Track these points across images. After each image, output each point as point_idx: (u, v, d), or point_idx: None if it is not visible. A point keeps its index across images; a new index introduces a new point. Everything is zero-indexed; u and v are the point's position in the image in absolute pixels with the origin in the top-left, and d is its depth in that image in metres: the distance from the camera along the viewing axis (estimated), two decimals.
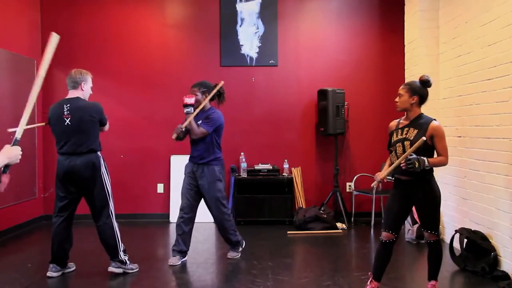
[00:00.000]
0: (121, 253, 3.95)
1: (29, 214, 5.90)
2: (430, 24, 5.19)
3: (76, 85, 3.91)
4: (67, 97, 3.92)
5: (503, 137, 3.90)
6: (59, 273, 3.96)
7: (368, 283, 3.38)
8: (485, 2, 4.22)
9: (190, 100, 4.15)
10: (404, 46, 5.70)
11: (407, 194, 3.27)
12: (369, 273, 3.44)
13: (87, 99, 3.96)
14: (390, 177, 3.39)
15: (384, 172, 3.24)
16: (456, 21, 4.76)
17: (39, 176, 6.10)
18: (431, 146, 3.21)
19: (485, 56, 4.20)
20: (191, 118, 4.12)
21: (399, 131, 3.30)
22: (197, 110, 4.18)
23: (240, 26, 6.34)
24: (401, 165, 3.11)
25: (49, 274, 3.91)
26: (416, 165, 3.05)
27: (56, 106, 3.93)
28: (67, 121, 3.81)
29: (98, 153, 3.90)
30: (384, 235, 3.31)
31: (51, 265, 3.94)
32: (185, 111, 4.14)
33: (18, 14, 5.77)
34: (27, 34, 5.98)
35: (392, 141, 3.32)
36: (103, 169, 3.89)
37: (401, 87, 3.32)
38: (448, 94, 4.97)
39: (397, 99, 3.32)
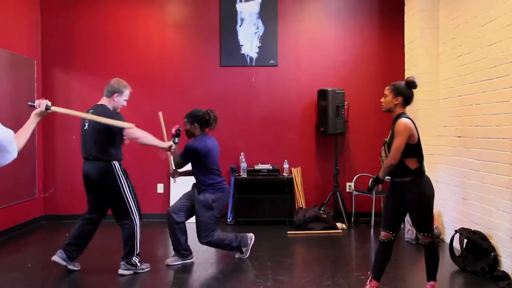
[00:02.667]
0: (133, 256, 3.97)
1: (29, 214, 5.90)
2: (430, 24, 5.19)
3: (109, 94, 3.93)
4: (98, 102, 3.96)
5: (503, 137, 3.90)
6: (62, 262, 3.96)
7: (368, 282, 3.38)
8: (485, 2, 4.22)
9: (172, 131, 4.23)
10: (404, 46, 5.70)
11: (401, 194, 3.28)
12: (369, 272, 3.44)
13: (118, 110, 3.97)
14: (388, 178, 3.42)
15: None
16: (456, 21, 4.76)
17: (39, 176, 6.10)
18: (407, 145, 3.16)
19: (485, 56, 4.20)
20: (173, 149, 4.18)
21: (390, 133, 3.34)
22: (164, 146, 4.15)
23: (240, 26, 6.34)
24: None
25: (53, 258, 3.96)
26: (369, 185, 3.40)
27: (87, 110, 3.97)
28: (86, 126, 3.89)
29: (112, 162, 3.86)
30: (383, 234, 3.32)
31: (58, 250, 3.99)
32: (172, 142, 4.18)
33: (18, 14, 5.77)
34: (27, 34, 5.98)
35: None
36: (118, 176, 3.86)
37: (386, 88, 3.35)
38: (448, 94, 4.97)
39: (382, 99, 3.35)
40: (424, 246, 3.30)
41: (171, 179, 4.37)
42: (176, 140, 4.23)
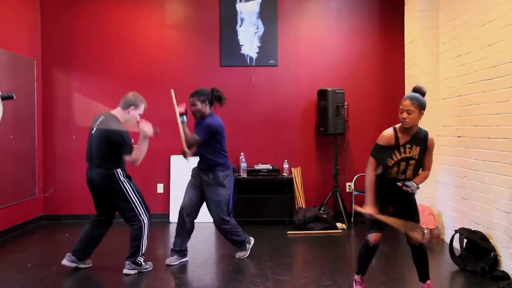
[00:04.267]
0: (139, 256, 3.97)
1: (29, 214, 5.89)
2: (430, 24, 5.19)
3: (126, 106, 3.95)
4: (111, 111, 3.97)
5: (503, 137, 3.91)
6: (72, 264, 4.01)
7: (360, 283, 3.40)
8: (485, 2, 4.22)
9: (180, 109, 4.24)
10: (404, 46, 5.70)
11: (395, 194, 3.26)
12: (354, 277, 3.45)
13: (129, 123, 3.98)
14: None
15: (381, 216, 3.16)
16: (456, 21, 4.76)
17: (39, 176, 6.10)
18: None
19: (485, 56, 4.20)
20: (182, 127, 4.19)
21: (402, 148, 3.17)
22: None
23: (240, 26, 6.34)
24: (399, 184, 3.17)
25: (63, 261, 4.01)
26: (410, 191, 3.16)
27: (97, 115, 3.98)
28: (93, 131, 3.90)
29: (114, 170, 3.84)
30: (375, 236, 3.25)
31: (67, 254, 4.03)
32: (179, 121, 4.19)
33: (18, 14, 5.77)
34: (27, 34, 5.98)
35: (395, 158, 3.18)
36: (121, 182, 3.85)
37: (408, 102, 3.09)
38: (448, 94, 4.97)
39: (405, 116, 3.08)
40: (417, 247, 3.26)
41: (185, 159, 4.29)
42: (184, 118, 4.24)
